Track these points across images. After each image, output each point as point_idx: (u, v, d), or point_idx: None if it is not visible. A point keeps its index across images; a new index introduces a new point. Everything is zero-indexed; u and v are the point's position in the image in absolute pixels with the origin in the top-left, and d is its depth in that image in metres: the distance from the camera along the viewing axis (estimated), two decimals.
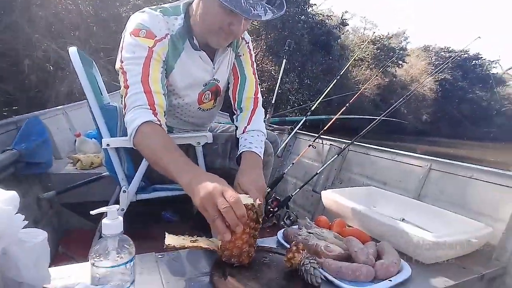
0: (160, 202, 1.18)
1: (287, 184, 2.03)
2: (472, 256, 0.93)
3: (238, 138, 1.04)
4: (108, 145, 1.03)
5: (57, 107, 2.16)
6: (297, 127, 2.07)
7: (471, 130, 24.16)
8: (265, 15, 0.86)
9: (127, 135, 1.00)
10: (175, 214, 1.86)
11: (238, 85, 1.10)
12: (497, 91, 27.26)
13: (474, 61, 26.16)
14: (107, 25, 9.57)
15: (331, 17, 15.68)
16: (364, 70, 18.59)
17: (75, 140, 2.14)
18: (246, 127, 1.04)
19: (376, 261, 0.80)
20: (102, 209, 0.60)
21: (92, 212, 0.61)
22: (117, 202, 1.51)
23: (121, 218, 0.60)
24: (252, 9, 0.84)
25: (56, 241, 1.45)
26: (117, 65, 0.95)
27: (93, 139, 2.07)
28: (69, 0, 9.68)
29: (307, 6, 13.50)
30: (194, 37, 0.99)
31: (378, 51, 19.22)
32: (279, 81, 2.20)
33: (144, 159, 1.02)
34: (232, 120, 1.13)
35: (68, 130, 2.14)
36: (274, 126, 2.32)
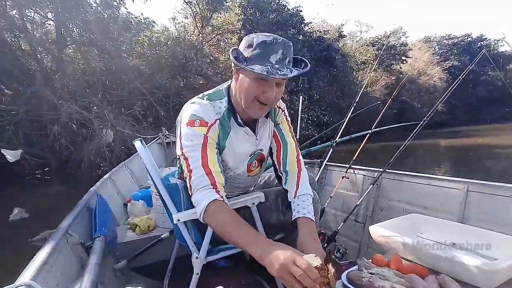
0: None
1: (327, 216, 2.12)
2: None
3: (290, 201, 1.16)
4: (178, 220, 1.18)
5: (105, 177, 2.36)
6: (326, 159, 2.18)
7: (492, 112, 23.34)
8: (291, 72, 1.00)
9: (190, 207, 1.16)
10: (228, 260, 1.96)
11: (281, 151, 1.23)
12: (510, 69, 26.54)
13: (479, 43, 25.72)
14: (118, 76, 10.16)
15: (328, 31, 16.06)
16: (369, 73, 18.61)
17: (124, 204, 2.34)
18: (296, 191, 1.15)
19: None
20: None
21: None
22: (176, 260, 1.66)
23: None
24: (279, 71, 0.98)
25: None
26: (178, 151, 1.11)
27: (140, 200, 2.26)
28: (81, 60, 10.43)
29: (302, 25, 13.93)
30: (237, 115, 1.14)
31: (379, 51, 19.30)
32: (299, 118, 2.33)
33: (209, 227, 1.16)
34: (280, 182, 1.24)
35: (117, 196, 2.33)
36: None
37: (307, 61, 1.09)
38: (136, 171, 2.95)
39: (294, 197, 1.14)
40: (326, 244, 1.71)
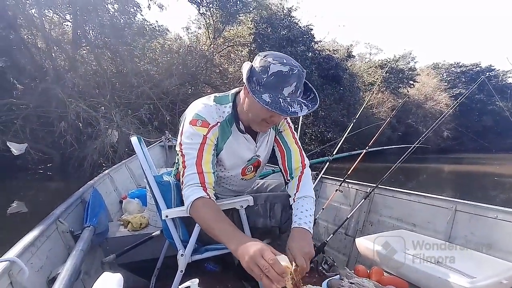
0: None
1: (319, 227, 2.13)
2: None
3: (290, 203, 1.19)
4: (167, 216, 1.20)
5: (104, 173, 2.40)
6: (322, 172, 2.21)
7: (498, 142, 23.21)
8: (301, 111, 1.01)
9: (180, 205, 1.18)
10: (217, 264, 1.96)
11: (286, 158, 1.26)
12: None
13: (487, 73, 25.86)
14: (128, 80, 10.35)
15: (337, 51, 16.23)
16: (375, 94, 18.72)
17: (120, 201, 2.37)
18: (295, 194, 1.18)
19: None
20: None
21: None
22: (165, 259, 1.67)
23: None
24: (290, 107, 0.99)
25: None
26: (177, 147, 1.16)
27: (135, 199, 2.29)
28: (93, 61, 10.69)
29: (312, 43, 14.14)
30: (240, 122, 1.17)
31: (387, 74, 19.46)
32: (299, 131, 2.36)
33: (196, 225, 1.18)
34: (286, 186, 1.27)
35: (113, 192, 2.36)
36: None
37: (316, 93, 1.09)
38: (136, 171, 2.98)
39: (294, 201, 1.17)
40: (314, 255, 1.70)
